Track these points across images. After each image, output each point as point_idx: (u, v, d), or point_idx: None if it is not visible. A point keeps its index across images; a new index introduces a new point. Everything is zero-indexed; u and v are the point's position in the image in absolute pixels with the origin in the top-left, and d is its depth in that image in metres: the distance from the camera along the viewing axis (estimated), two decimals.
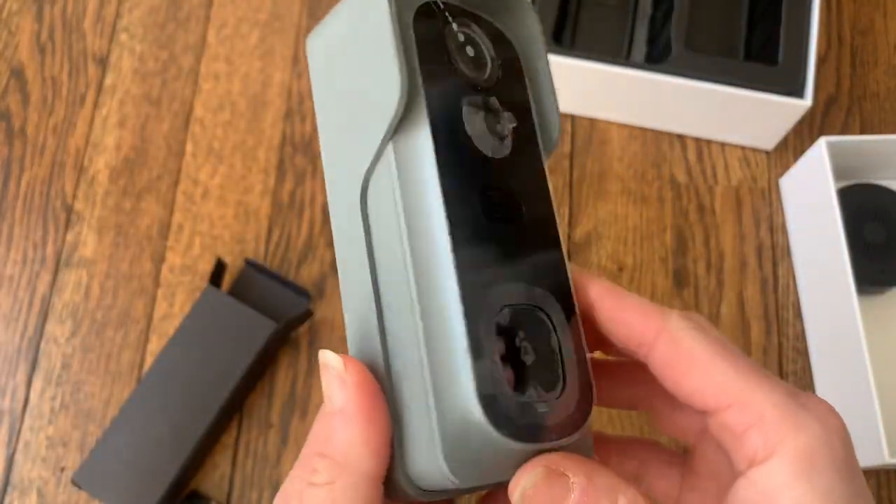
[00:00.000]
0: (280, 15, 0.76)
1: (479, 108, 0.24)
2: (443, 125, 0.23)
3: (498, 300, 0.22)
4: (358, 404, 0.21)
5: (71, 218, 0.70)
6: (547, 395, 0.22)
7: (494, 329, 0.22)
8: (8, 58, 0.75)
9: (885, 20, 0.77)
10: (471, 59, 0.25)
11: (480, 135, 0.24)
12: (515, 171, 0.25)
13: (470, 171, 0.23)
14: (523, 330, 0.23)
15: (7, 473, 0.62)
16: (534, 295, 0.23)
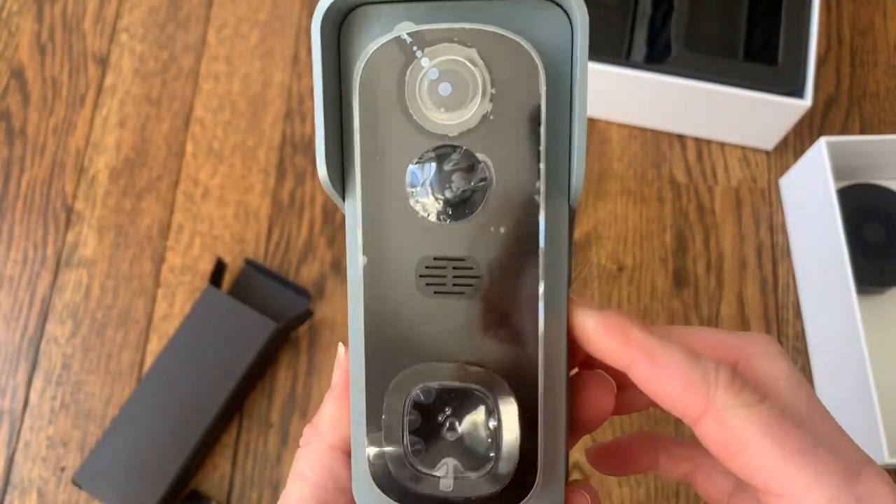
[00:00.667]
0: (280, 15, 0.76)
1: (430, 169, 0.21)
2: (377, 196, 0.22)
3: (417, 378, 0.22)
4: (338, 388, 0.25)
5: (71, 218, 0.70)
6: (465, 473, 0.23)
7: (407, 404, 0.23)
8: (8, 58, 0.75)
9: (885, 20, 0.77)
10: (444, 98, 0.21)
11: (427, 200, 0.22)
12: (478, 236, 0.22)
13: (405, 242, 0.22)
14: (452, 407, 0.22)
15: (7, 473, 0.62)
16: (474, 375, 0.22)
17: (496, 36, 0.21)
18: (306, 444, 0.25)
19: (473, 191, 0.22)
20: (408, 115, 0.21)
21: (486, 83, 0.21)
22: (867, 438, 0.57)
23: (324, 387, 0.65)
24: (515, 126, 0.21)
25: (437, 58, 0.21)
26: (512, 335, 0.22)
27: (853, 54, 0.75)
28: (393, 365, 0.22)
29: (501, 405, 0.22)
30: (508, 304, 0.22)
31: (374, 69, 0.21)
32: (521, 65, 0.21)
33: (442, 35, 0.21)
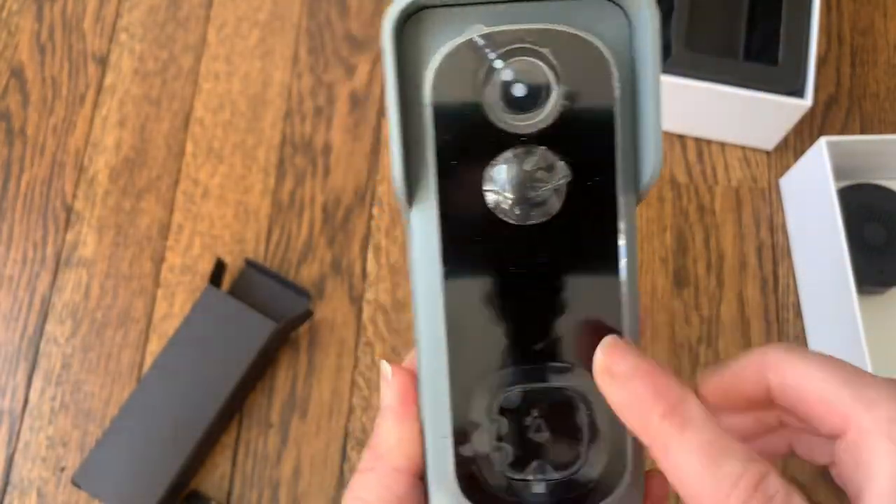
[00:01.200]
0: (280, 15, 0.76)
1: (508, 171, 0.21)
2: (454, 200, 0.22)
3: (503, 382, 0.22)
4: (394, 407, 0.24)
5: (71, 218, 0.70)
6: (556, 474, 0.22)
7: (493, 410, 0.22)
8: (8, 58, 0.75)
9: (885, 20, 0.77)
10: (518, 99, 0.21)
11: (506, 202, 0.21)
12: (558, 236, 0.22)
13: (485, 246, 0.22)
14: (539, 409, 0.22)
15: (7, 473, 0.62)
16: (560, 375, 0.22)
17: (568, 35, 0.21)
18: (368, 469, 0.24)
19: (554, 190, 0.21)
20: (483, 116, 0.21)
21: (560, 82, 0.21)
22: None
23: (324, 387, 0.65)
24: (590, 123, 0.21)
25: (510, 59, 0.21)
26: (595, 331, 0.22)
27: (853, 54, 0.75)
28: (477, 371, 0.22)
29: (588, 401, 0.22)
30: (590, 300, 0.22)
31: (447, 72, 0.21)
32: (593, 63, 0.21)
33: (514, 36, 0.21)
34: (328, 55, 0.75)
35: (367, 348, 0.66)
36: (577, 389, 0.22)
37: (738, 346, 0.66)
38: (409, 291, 0.23)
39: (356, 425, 0.64)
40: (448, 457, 0.22)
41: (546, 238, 0.22)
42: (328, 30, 0.76)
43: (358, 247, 0.69)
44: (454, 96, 0.21)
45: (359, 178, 0.71)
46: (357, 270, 0.68)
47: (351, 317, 0.66)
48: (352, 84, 0.74)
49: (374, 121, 0.73)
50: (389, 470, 0.23)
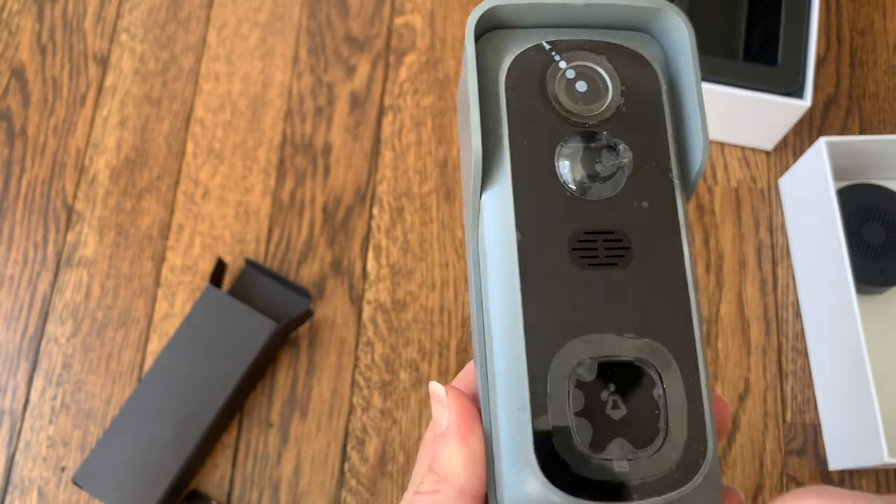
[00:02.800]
0: (280, 15, 0.77)
1: (577, 150, 0.23)
2: (528, 176, 0.23)
3: (578, 353, 0.22)
4: (456, 428, 0.24)
5: (71, 218, 0.70)
6: (637, 452, 0.22)
7: (570, 383, 0.22)
8: (9, 58, 0.75)
9: (885, 20, 0.77)
10: (581, 94, 0.24)
11: (576, 178, 0.23)
12: (625, 210, 0.23)
13: (557, 218, 0.23)
14: (615, 383, 0.22)
15: (7, 473, 0.63)
16: (634, 346, 0.22)
17: (621, 48, 0.25)
18: (434, 492, 0.23)
19: (618, 167, 0.23)
20: (550, 106, 0.24)
21: (617, 83, 0.24)
22: (867, 438, 0.57)
23: (324, 386, 0.65)
24: (645, 116, 0.24)
25: (573, 62, 0.24)
26: (666, 304, 0.23)
27: (853, 54, 0.75)
28: (554, 342, 0.22)
29: (664, 374, 0.22)
30: (658, 273, 0.23)
31: (519, 69, 0.24)
32: (643, 70, 0.24)
33: (576, 43, 0.24)
34: (328, 55, 0.75)
35: (367, 348, 0.66)
36: (652, 363, 0.22)
37: (738, 346, 0.66)
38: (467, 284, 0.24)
39: (356, 425, 0.64)
40: (526, 431, 0.22)
41: (613, 212, 0.23)
42: (328, 30, 0.76)
43: (358, 247, 0.69)
44: (525, 89, 0.24)
45: (359, 178, 0.71)
46: (357, 270, 0.68)
47: (351, 317, 0.67)
48: (352, 84, 0.74)
49: (374, 121, 0.73)
50: (456, 493, 0.23)
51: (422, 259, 0.68)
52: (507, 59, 0.24)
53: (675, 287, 0.23)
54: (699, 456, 0.22)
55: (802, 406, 0.64)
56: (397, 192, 0.70)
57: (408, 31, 0.76)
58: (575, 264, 0.23)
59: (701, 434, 0.22)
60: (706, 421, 0.22)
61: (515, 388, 0.22)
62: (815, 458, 0.63)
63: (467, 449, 0.23)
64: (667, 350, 0.22)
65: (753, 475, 0.63)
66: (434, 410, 0.24)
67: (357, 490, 0.62)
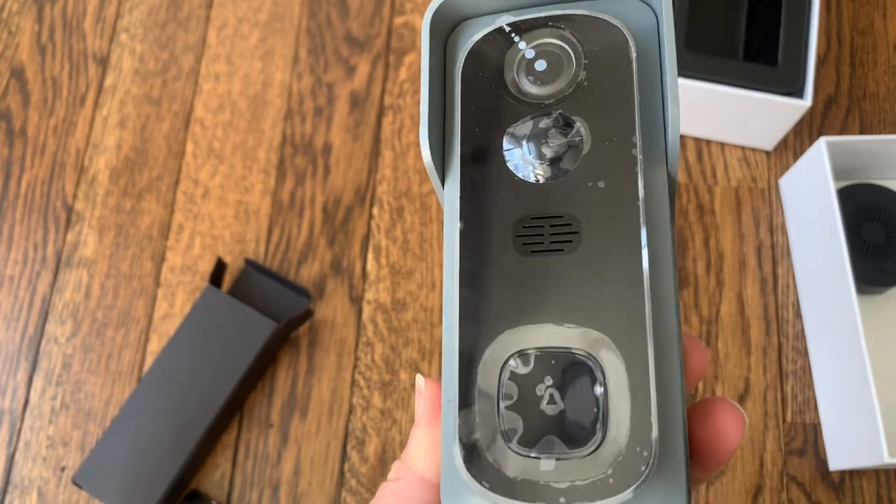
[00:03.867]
0: (280, 15, 0.77)
1: (524, 133, 0.22)
2: (474, 165, 0.22)
3: (512, 344, 0.21)
4: (424, 417, 0.24)
5: (71, 218, 0.70)
6: (569, 452, 0.20)
7: (503, 375, 0.21)
8: (8, 58, 0.75)
9: (885, 20, 0.77)
10: (540, 73, 0.23)
11: (523, 162, 0.22)
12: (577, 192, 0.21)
13: (502, 205, 0.22)
14: (552, 377, 0.20)
15: (7, 473, 0.62)
16: (574, 337, 0.20)
17: (586, 17, 0.23)
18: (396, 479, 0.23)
19: (569, 146, 0.22)
20: (506, 90, 0.23)
21: (580, 55, 0.23)
22: (867, 438, 0.57)
23: (324, 386, 0.65)
24: (609, 88, 0.22)
25: (533, 41, 0.23)
26: (614, 292, 0.21)
27: (853, 54, 0.75)
28: (488, 331, 0.21)
29: (607, 368, 0.20)
30: (609, 258, 0.21)
31: (476, 55, 0.23)
32: (611, 37, 0.23)
33: (537, 21, 0.23)
34: (328, 55, 0.75)
35: (367, 348, 0.66)
36: (593, 356, 0.20)
37: (738, 346, 0.66)
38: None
39: (356, 425, 0.64)
40: (453, 422, 0.21)
41: (563, 196, 0.22)
42: (328, 30, 0.76)
43: (358, 247, 0.69)
44: (480, 74, 0.23)
45: (359, 178, 0.71)
46: (357, 270, 0.68)
47: (351, 317, 0.67)
48: (352, 84, 0.74)
49: (374, 121, 0.73)
50: (416, 480, 0.23)
51: (422, 259, 0.68)
52: (466, 46, 0.23)
53: (626, 273, 0.21)
54: (640, 462, 0.19)
55: (802, 406, 0.64)
56: (397, 192, 0.70)
57: (408, 31, 0.76)
58: (518, 252, 0.21)
59: (645, 438, 0.19)
60: (652, 422, 0.20)
61: (448, 378, 0.21)
62: (815, 458, 0.63)
63: (431, 438, 0.23)
64: (611, 342, 0.20)
65: (753, 475, 0.63)
66: (415, 401, 0.25)
67: (357, 490, 0.62)
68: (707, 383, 0.65)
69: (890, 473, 0.63)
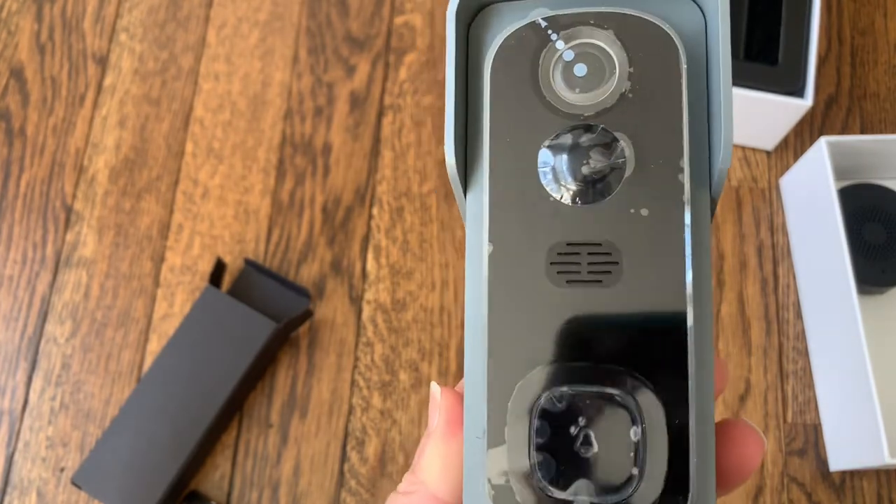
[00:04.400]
0: (280, 15, 0.76)
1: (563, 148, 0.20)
2: (506, 180, 0.20)
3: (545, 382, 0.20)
4: (440, 431, 0.22)
5: (71, 218, 0.70)
6: (603, 497, 0.19)
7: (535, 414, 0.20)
8: (8, 58, 0.75)
9: (886, 20, 0.76)
10: (580, 80, 0.20)
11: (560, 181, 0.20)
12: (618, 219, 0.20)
13: (535, 228, 0.20)
14: (587, 417, 0.19)
15: (7, 473, 0.62)
16: (612, 378, 0.20)
17: (633, 18, 0.20)
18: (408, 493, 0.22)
19: (612, 168, 0.20)
20: (541, 96, 0.20)
21: (624, 63, 0.20)
22: (867, 438, 0.57)
23: (324, 387, 0.65)
24: (656, 104, 0.20)
25: (572, 40, 0.21)
26: (655, 330, 0.20)
27: (853, 54, 0.75)
28: (519, 366, 0.20)
29: (646, 413, 0.19)
30: (650, 293, 0.20)
31: (507, 53, 0.21)
32: (660, 45, 0.20)
33: (577, 18, 0.21)
34: (328, 55, 0.75)
35: (367, 348, 0.66)
36: (631, 397, 0.19)
37: (738, 346, 0.66)
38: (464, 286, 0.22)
39: (356, 425, 0.64)
40: (482, 461, 0.20)
41: (602, 222, 0.20)
42: (328, 30, 0.76)
43: (358, 247, 0.69)
44: (512, 76, 0.21)
45: (359, 178, 0.71)
46: (357, 270, 0.68)
47: (351, 317, 0.66)
48: (352, 84, 0.74)
49: (374, 121, 0.73)
50: (429, 497, 0.22)
51: (422, 259, 0.68)
52: (496, 42, 0.21)
53: (668, 312, 0.20)
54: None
55: (803, 406, 0.64)
56: (397, 192, 0.70)
57: (408, 31, 0.76)
58: (552, 282, 0.20)
59: (681, 485, 0.19)
60: (690, 471, 0.19)
61: (476, 412, 0.20)
62: (815, 458, 0.63)
63: (447, 453, 0.22)
64: (651, 386, 0.19)
65: (754, 476, 0.63)
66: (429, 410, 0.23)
67: (357, 490, 0.62)
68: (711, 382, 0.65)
69: (891, 474, 0.63)
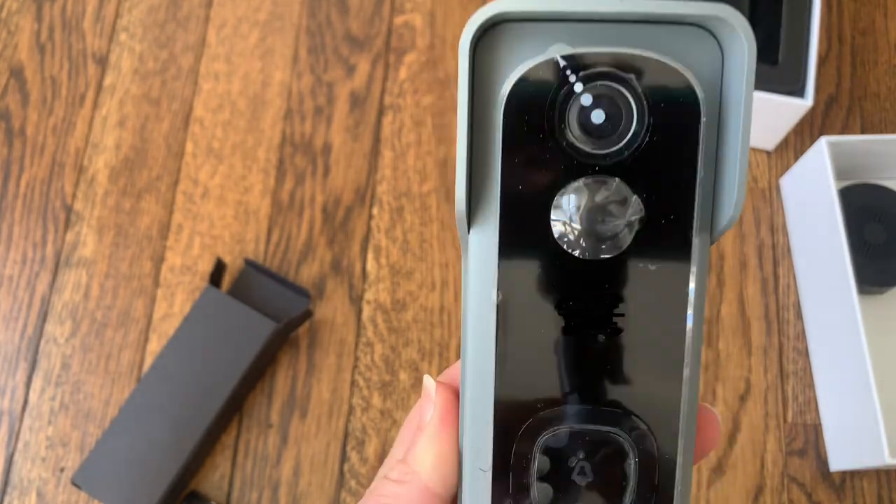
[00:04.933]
0: (280, 15, 0.76)
1: (578, 201, 0.20)
2: (517, 227, 0.20)
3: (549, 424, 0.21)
4: (435, 426, 0.23)
5: (70, 218, 0.70)
6: None
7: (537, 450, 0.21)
8: (8, 57, 0.75)
9: (886, 20, 0.76)
10: (597, 126, 0.20)
11: (573, 234, 0.20)
12: (626, 272, 0.21)
13: (545, 277, 0.21)
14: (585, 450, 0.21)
15: (6, 474, 0.62)
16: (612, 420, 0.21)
17: (656, 62, 0.20)
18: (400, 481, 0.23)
19: (626, 225, 0.20)
20: (556, 141, 0.20)
21: (644, 113, 0.20)
22: (867, 438, 0.57)
23: (324, 387, 0.65)
24: (671, 160, 0.20)
25: (591, 83, 0.20)
26: (654, 377, 0.21)
27: (854, 54, 0.75)
28: (525, 408, 0.21)
29: (640, 450, 0.21)
30: (652, 344, 0.21)
31: (522, 91, 0.20)
32: (681, 96, 0.20)
33: (598, 59, 0.20)
34: (328, 55, 0.75)
35: (367, 348, 0.66)
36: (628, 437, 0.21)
37: (739, 346, 0.66)
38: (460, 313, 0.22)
39: (356, 425, 0.64)
40: (485, 493, 0.21)
41: (611, 276, 0.21)
42: (328, 30, 0.76)
43: (358, 247, 0.69)
44: (528, 117, 0.20)
45: (359, 178, 0.71)
46: (357, 270, 0.68)
47: (351, 317, 0.66)
48: (352, 84, 0.74)
49: (373, 121, 0.73)
50: (421, 488, 0.23)
51: (422, 259, 0.68)
52: (511, 76, 0.20)
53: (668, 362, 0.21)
54: None
55: (803, 406, 0.64)
56: (397, 192, 0.70)
57: (408, 31, 0.76)
58: (559, 329, 0.21)
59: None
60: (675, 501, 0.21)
61: (481, 448, 0.21)
62: (816, 458, 0.63)
63: (441, 449, 0.23)
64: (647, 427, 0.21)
65: (754, 476, 0.63)
66: (422, 403, 0.24)
67: (357, 491, 0.62)
68: (708, 384, 0.65)
69: (891, 474, 0.63)
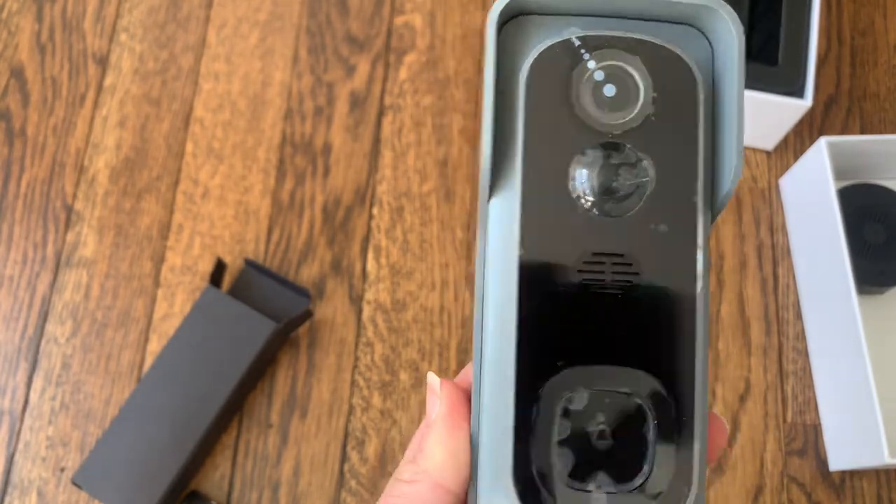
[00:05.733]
0: (280, 15, 0.76)
1: (594, 163, 0.22)
2: (539, 188, 0.22)
3: (570, 383, 0.21)
4: (443, 421, 0.23)
5: (71, 218, 0.70)
6: (617, 487, 0.21)
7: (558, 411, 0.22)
8: (8, 58, 0.75)
9: (885, 20, 0.77)
10: (608, 99, 0.22)
11: (590, 194, 0.22)
12: (639, 233, 0.22)
13: (565, 236, 0.22)
14: (605, 414, 0.22)
15: (7, 473, 0.62)
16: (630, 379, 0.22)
17: (660, 48, 0.22)
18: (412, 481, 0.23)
19: (637, 186, 0.22)
20: (572, 112, 0.22)
21: (649, 88, 0.22)
22: (867, 438, 0.57)
23: (324, 387, 0.65)
24: (676, 129, 0.22)
25: (603, 61, 0.22)
26: (668, 336, 0.22)
27: (853, 54, 0.75)
28: (547, 369, 0.22)
29: (658, 410, 0.22)
30: (665, 303, 0.22)
31: (542, 67, 0.22)
32: (681, 75, 0.22)
33: (608, 41, 0.22)
34: (328, 55, 0.75)
35: (367, 348, 0.66)
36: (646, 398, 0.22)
37: (738, 346, 0.66)
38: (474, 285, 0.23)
39: (356, 425, 0.64)
40: (507, 455, 0.21)
41: (626, 234, 0.22)
42: (328, 30, 0.76)
43: (358, 247, 0.69)
44: (546, 90, 0.22)
45: (359, 178, 0.71)
46: (357, 270, 0.68)
47: (351, 317, 0.66)
48: (352, 84, 0.74)
49: (373, 121, 0.73)
50: (432, 485, 0.23)
51: (422, 259, 0.68)
52: (531, 54, 0.22)
53: (682, 321, 0.22)
54: (681, 498, 0.21)
55: (803, 406, 0.64)
56: (397, 192, 0.70)
57: (408, 31, 0.76)
58: (578, 287, 0.22)
59: (686, 476, 0.22)
60: (694, 463, 0.22)
61: (502, 409, 0.22)
62: (815, 458, 0.63)
63: (451, 444, 0.23)
64: (663, 386, 0.22)
65: (754, 476, 0.63)
66: (427, 400, 0.24)
67: (357, 491, 0.62)
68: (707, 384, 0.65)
69: (890, 474, 0.63)
